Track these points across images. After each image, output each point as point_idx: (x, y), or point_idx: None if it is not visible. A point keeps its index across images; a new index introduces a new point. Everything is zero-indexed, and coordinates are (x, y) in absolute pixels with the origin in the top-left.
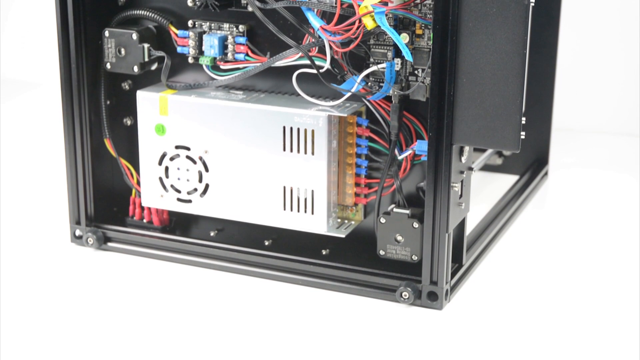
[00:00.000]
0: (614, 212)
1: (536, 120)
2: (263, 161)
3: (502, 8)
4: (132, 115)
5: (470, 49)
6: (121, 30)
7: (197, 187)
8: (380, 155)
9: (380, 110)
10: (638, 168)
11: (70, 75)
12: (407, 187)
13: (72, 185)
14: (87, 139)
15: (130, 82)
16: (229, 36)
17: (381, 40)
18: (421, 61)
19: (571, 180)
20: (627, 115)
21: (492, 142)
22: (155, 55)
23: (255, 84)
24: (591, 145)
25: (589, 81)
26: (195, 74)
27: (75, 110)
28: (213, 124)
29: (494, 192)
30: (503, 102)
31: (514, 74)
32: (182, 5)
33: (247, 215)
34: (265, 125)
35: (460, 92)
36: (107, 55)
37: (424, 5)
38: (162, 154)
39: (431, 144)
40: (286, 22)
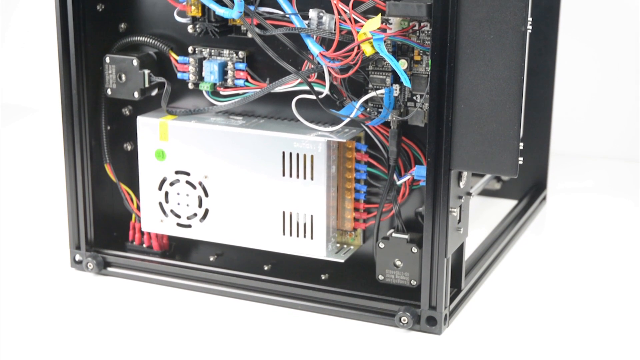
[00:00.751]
0: (613, 237)
1: (534, 145)
2: (262, 186)
3: (499, 35)
4: (132, 141)
5: (468, 75)
6: (122, 57)
7: (196, 212)
8: (379, 181)
9: (379, 135)
10: (637, 193)
11: (71, 100)
12: (405, 212)
13: (72, 210)
14: (87, 164)
15: (130, 108)
16: (228, 62)
17: (380, 67)
18: (419, 87)
19: (569, 205)
20: (626, 140)
21: (490, 168)
22: (156, 81)
23: (255, 110)
24: (590, 170)
25: (587, 106)
26: (195, 99)
27: (76, 135)
28: (213, 150)
29: (492, 216)
30: (501, 128)
31: (511, 100)
32: (182, 32)
33: (246, 240)
34: (264, 150)
35: (458, 117)
36: (108, 81)
37: (422, 31)
38: (162, 179)
39: (429, 170)
40: (285, 49)
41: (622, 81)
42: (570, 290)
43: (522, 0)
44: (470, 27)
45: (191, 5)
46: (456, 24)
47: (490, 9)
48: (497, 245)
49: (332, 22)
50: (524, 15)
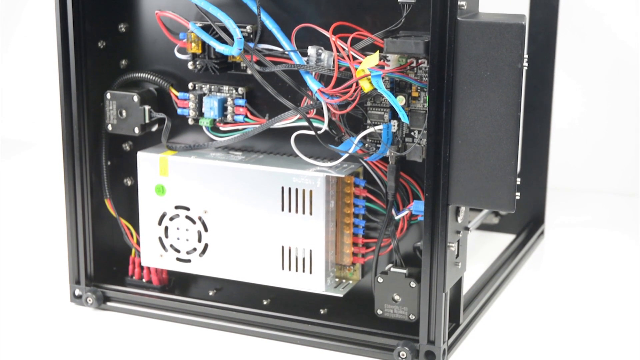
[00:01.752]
0: (611, 273)
1: (531, 180)
2: (262, 221)
3: (496, 72)
4: (132, 176)
5: (465, 111)
6: (122, 93)
7: (196, 247)
8: (377, 215)
9: (378, 171)
10: (635, 227)
11: (72, 136)
12: (404, 246)
13: (72, 245)
14: (87, 199)
15: (131, 143)
16: (228, 98)
17: (378, 103)
18: (417, 123)
19: (567, 240)
20: (623, 174)
21: (488, 203)
22: (156, 117)
23: (255, 145)
24: (587, 204)
25: (584, 140)
26: (195, 135)
27: (77, 170)
28: (212, 185)
29: (490, 251)
30: (498, 164)
31: (508, 135)
32: (182, 68)
33: (245, 275)
34: (264, 185)
35: (455, 153)
36: (109, 117)
37: (420, 68)
38: (162, 214)
39: (427, 205)
40: (285, 85)
41: (619, 115)
42: (568, 326)
43: (518, 38)
44: (467, 64)
45: (191, 42)
46: (453, 61)
47: (487, 46)
48: (495, 280)
49: (330, 59)
50: (520, 53)
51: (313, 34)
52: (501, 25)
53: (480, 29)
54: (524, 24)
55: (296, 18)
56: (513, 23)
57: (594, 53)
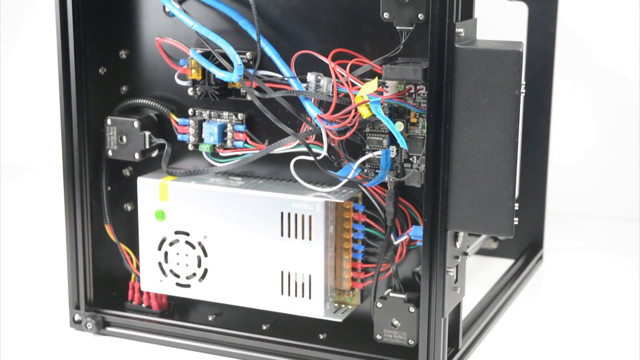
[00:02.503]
0: (611, 299)
1: (530, 205)
2: (261, 246)
3: (493, 98)
4: (132, 201)
5: (463, 137)
6: (123, 119)
7: (195, 272)
8: (376, 241)
9: (376, 196)
10: (636, 253)
11: (73, 161)
12: (403, 271)
13: (72, 270)
14: (87, 224)
15: (131, 169)
16: (228, 124)
17: (377, 129)
18: (416, 149)
19: (566, 265)
20: (622, 199)
21: (486, 228)
22: (156, 142)
23: (254, 171)
24: (586, 229)
25: (583, 165)
26: (195, 160)
27: (77, 195)
28: (212, 210)
29: (489, 276)
30: (496, 189)
31: (506, 161)
32: (182, 95)
33: (245, 300)
34: (263, 211)
35: (454, 179)
36: (109, 142)
37: (418, 94)
38: (162, 239)
39: (426, 230)
40: (284, 111)
41: (618, 140)
42: (567, 352)
43: (515, 65)
44: (465, 90)
45: (192, 69)
46: (451, 87)
47: (484, 73)
48: (494, 305)
49: (329, 85)
50: (517, 79)
51: (312, 61)
52: (498, 52)
53: (478, 56)
54: (521, 50)
55: (295, 45)
56: (510, 50)
57: (592, 79)
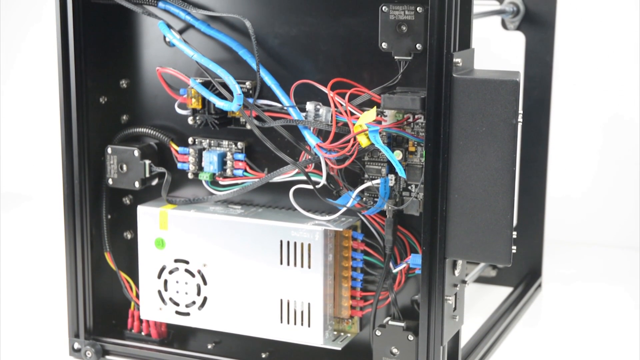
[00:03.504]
0: (610, 328)
1: (528, 233)
2: (260, 274)
3: (491, 127)
4: (132, 229)
5: (461, 166)
6: (123, 147)
7: (195, 300)
8: (375, 269)
9: (375, 224)
10: (636, 282)
11: (73, 190)
12: (402, 299)
13: (72, 298)
14: (87, 252)
15: (131, 197)
16: (227, 153)
17: (375, 157)
18: (414, 177)
19: (565, 294)
20: (621, 227)
21: (484, 256)
22: (156, 171)
23: (254, 199)
24: (586, 257)
25: (581, 193)
26: (194, 189)
27: (77, 224)
28: (212, 238)
29: (488, 304)
30: (494, 217)
31: (503, 190)
32: (182, 123)
33: (244, 328)
34: (262, 239)
35: (452, 207)
36: (110, 171)
37: (416, 123)
38: (162, 267)
39: (425, 258)
40: (283, 140)
41: (617, 168)
42: None
43: (513, 95)
44: (462, 119)
45: (192, 98)
46: (449, 116)
47: (482, 102)
48: (493, 333)
49: (328, 114)
50: (515, 109)
51: (311, 90)
52: (496, 82)
53: (476, 86)
54: (518, 80)
55: (295, 74)
56: (507, 80)
57: (590, 107)
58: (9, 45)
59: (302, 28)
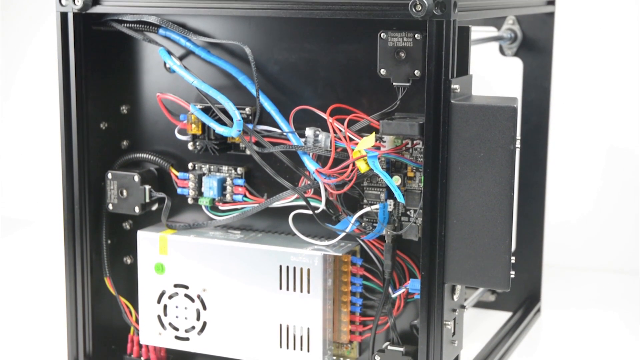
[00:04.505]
0: (608, 354)
1: (527, 258)
2: (260, 299)
3: (489, 153)
4: (132, 254)
5: (459, 191)
6: (123, 173)
7: (194, 325)
8: (374, 294)
9: (374, 249)
10: (635, 308)
11: (73, 215)
12: (401, 324)
13: (72, 323)
14: (87, 277)
15: (131, 222)
16: (227, 178)
17: (374, 183)
18: (413, 202)
19: (564, 319)
20: (621, 251)
21: (483, 281)
22: (156, 196)
23: (253, 224)
24: (585, 282)
25: (580, 218)
26: (194, 214)
27: (77, 249)
28: (211, 263)
29: (487, 329)
30: (492, 243)
31: (502, 215)
32: (182, 149)
33: (244, 353)
34: (262, 264)
35: (450, 232)
36: (110, 196)
37: (415, 149)
38: (161, 292)
39: (424, 283)
40: (283, 165)
41: (616, 193)
42: None
43: (510, 121)
44: (461, 145)
45: (192, 124)
46: (447, 142)
47: (480, 128)
48: (492, 358)
49: (327, 140)
50: (512, 135)
51: (311, 116)
52: (493, 108)
53: (474, 112)
54: (515, 107)
55: (294, 100)
56: (505, 106)
57: (588, 131)
58: (9, 68)
59: (302, 54)
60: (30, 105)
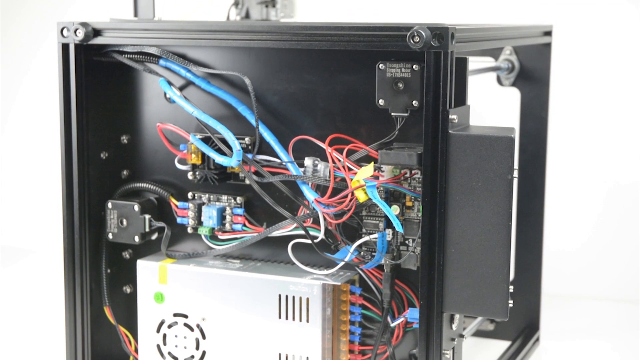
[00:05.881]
0: None
1: (526, 287)
2: (259, 328)
3: (486, 182)
4: (131, 284)
5: (457, 220)
6: (124, 202)
7: (194, 355)
8: (373, 323)
9: (373, 278)
10: (635, 337)
11: (74, 244)
12: (400, 353)
13: (71, 352)
14: (87, 306)
15: (130, 251)
16: (227, 207)
17: (373, 212)
18: (411, 232)
19: (563, 348)
20: (620, 280)
21: (481, 311)
22: (156, 225)
23: (252, 253)
24: (585, 311)
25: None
26: (194, 243)
27: (77, 278)
28: (211, 292)
29: (486, 358)
30: (490, 272)
31: (500, 244)
32: (182, 178)
33: None
34: (261, 293)
35: (449, 261)
36: (110, 225)
37: (414, 179)
38: (161, 321)
39: (422, 312)
40: (282, 195)
41: (614, 222)
42: None
43: (508, 150)
44: (459, 175)
45: (192, 154)
46: (446, 172)
47: (478, 158)
48: None
49: (326, 169)
50: (510, 164)
51: (310, 146)
52: (491, 138)
53: (471, 142)
54: (512, 137)
55: (293, 130)
56: (502, 136)
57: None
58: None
59: (301, 85)
60: (31, 134)
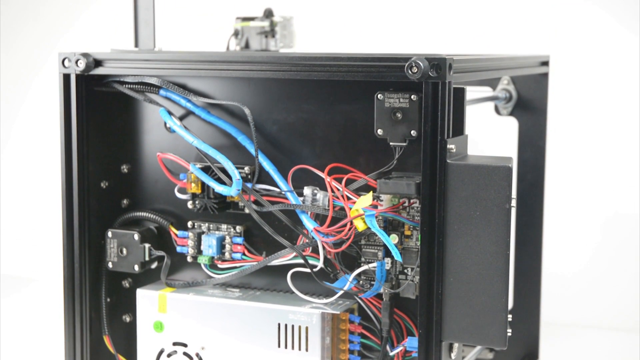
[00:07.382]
0: None
1: (525, 315)
2: (258, 357)
3: (484, 212)
4: (131, 312)
5: (456, 249)
6: (123, 231)
7: None
8: (372, 352)
9: (372, 307)
10: None
11: (73, 273)
12: None
13: None
14: (86, 335)
15: (130, 280)
16: (226, 236)
17: (372, 241)
18: (410, 261)
19: None
20: (619, 309)
21: (480, 339)
22: (156, 254)
23: (252, 282)
24: (582, 339)
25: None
26: (193, 272)
27: (77, 307)
28: (210, 321)
29: None
30: (489, 301)
31: (498, 273)
32: (182, 208)
33: None
34: (260, 322)
35: (448, 290)
36: (109, 254)
37: (412, 208)
38: (160, 350)
39: (421, 341)
40: (281, 223)
41: (613, 249)
42: None
43: (505, 180)
44: (457, 204)
45: (191, 183)
46: (444, 201)
47: (476, 187)
48: None
49: (325, 199)
50: (508, 194)
51: (309, 175)
52: (489, 167)
53: (469, 171)
54: (510, 166)
55: (292, 159)
56: (500, 165)
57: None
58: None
59: (300, 115)
60: (31, 163)
